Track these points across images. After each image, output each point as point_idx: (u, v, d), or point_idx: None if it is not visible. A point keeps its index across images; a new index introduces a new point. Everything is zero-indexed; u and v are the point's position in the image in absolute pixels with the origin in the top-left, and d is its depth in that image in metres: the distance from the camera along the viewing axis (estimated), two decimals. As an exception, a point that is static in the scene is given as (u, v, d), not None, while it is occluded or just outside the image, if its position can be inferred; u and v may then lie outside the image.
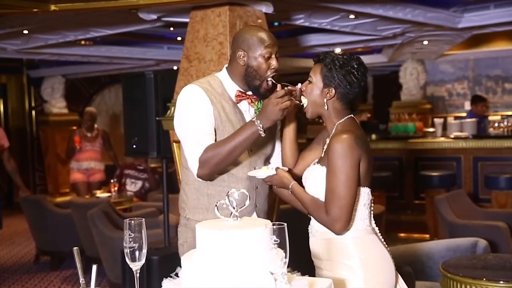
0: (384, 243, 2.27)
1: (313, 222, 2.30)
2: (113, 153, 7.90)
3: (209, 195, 2.43)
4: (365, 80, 2.26)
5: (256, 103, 2.45)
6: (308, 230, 2.35)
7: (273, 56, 2.39)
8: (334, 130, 2.27)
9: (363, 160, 2.16)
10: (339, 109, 2.27)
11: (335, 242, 2.20)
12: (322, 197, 2.20)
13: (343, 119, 2.26)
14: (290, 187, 2.30)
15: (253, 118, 2.24)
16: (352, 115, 2.30)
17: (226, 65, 2.52)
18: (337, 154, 2.11)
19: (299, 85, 2.34)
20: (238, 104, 2.45)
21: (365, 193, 2.23)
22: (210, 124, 2.36)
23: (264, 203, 2.55)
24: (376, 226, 2.30)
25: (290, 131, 2.45)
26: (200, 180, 2.38)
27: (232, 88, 2.45)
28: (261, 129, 2.20)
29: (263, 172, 2.35)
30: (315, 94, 2.26)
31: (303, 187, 2.32)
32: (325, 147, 2.31)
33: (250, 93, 2.45)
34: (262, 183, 2.47)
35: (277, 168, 2.35)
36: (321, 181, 2.20)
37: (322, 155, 2.31)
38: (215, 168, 2.30)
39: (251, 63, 2.38)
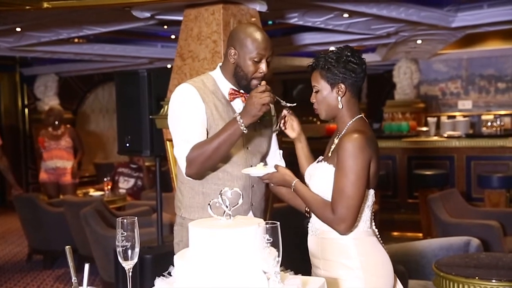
0: (383, 245, 2.25)
1: (314, 220, 2.27)
2: (79, 154, 7.45)
3: (204, 194, 2.42)
4: (365, 62, 2.23)
5: (249, 101, 2.44)
6: (301, 229, 2.33)
7: (263, 60, 2.35)
8: (345, 129, 2.23)
9: (372, 162, 2.14)
10: (352, 104, 2.24)
11: (335, 242, 2.17)
12: (326, 195, 2.17)
13: (354, 119, 2.24)
14: (293, 184, 2.26)
15: (236, 115, 2.23)
16: (362, 115, 2.27)
17: (220, 64, 2.51)
18: (348, 154, 2.08)
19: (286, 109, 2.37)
20: (231, 102, 2.44)
21: (370, 195, 2.21)
22: (200, 124, 2.35)
23: (260, 201, 2.53)
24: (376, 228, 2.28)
25: (303, 148, 2.44)
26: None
27: (226, 86, 2.44)
28: (242, 125, 2.20)
29: (258, 170, 2.32)
30: (327, 98, 2.22)
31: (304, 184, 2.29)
32: (332, 146, 2.28)
33: (243, 91, 2.44)
34: (258, 181, 2.46)
35: (277, 166, 2.33)
36: (327, 179, 2.17)
37: (330, 154, 2.27)
38: (201, 166, 2.30)
39: (240, 63, 2.37)
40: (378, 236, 2.27)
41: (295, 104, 2.37)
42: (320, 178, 2.22)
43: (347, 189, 2.08)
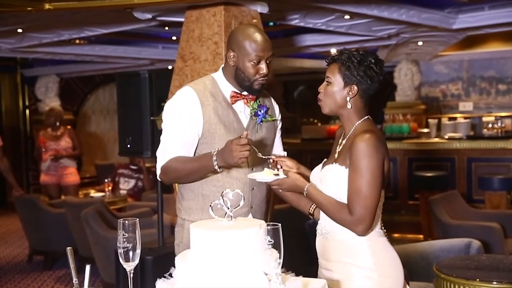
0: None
1: (324, 222, 2.23)
2: (77, 151, 7.41)
3: (204, 196, 2.42)
4: (383, 74, 2.22)
5: (251, 103, 2.44)
6: (302, 230, 2.32)
7: (262, 61, 2.34)
8: (352, 130, 2.21)
9: (385, 161, 2.13)
10: (360, 107, 2.22)
11: (347, 243, 2.15)
12: (340, 197, 2.14)
13: (361, 120, 2.22)
14: (305, 189, 2.23)
15: (213, 152, 2.24)
16: (369, 117, 2.25)
17: (223, 65, 2.50)
18: (363, 153, 2.06)
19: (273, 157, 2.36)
20: (233, 105, 2.43)
21: (382, 195, 2.18)
22: (189, 134, 2.37)
23: (260, 204, 2.51)
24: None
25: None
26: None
27: (227, 88, 2.44)
28: (216, 166, 2.23)
29: (267, 176, 2.27)
30: (336, 94, 2.20)
31: None
32: (339, 148, 2.25)
33: (245, 93, 2.43)
34: (259, 184, 2.44)
35: (287, 171, 2.29)
36: (340, 181, 2.14)
37: (336, 155, 2.24)
38: (173, 181, 2.47)
39: (239, 65, 2.36)
40: (387, 236, 2.25)
41: (269, 156, 2.38)
42: (332, 180, 2.19)
43: (364, 189, 2.06)
